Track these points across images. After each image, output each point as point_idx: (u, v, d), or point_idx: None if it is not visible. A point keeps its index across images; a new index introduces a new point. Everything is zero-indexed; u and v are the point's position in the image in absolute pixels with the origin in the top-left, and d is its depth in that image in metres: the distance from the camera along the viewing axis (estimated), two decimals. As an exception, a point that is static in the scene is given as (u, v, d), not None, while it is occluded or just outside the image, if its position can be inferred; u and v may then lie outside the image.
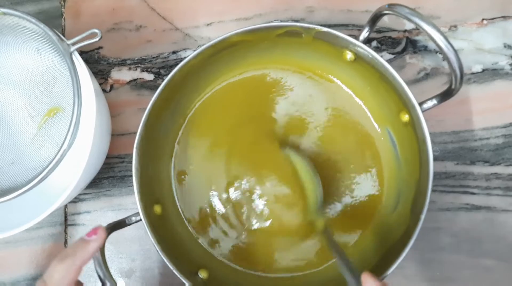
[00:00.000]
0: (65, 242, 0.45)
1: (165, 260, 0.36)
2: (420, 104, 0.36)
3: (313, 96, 0.42)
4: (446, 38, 0.31)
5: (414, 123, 0.37)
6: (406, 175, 0.40)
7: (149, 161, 0.39)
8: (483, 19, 0.43)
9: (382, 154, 0.41)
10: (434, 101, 0.36)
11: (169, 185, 0.42)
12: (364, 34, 0.37)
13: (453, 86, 0.34)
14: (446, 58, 0.32)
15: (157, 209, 0.40)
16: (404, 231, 0.37)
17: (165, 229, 0.39)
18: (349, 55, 0.38)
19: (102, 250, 0.33)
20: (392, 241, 0.38)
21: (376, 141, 0.42)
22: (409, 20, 0.32)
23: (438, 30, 0.31)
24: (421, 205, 0.35)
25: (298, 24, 0.37)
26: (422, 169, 0.37)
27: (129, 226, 0.44)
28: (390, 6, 0.33)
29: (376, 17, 0.36)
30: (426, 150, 0.35)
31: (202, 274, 0.39)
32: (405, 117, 0.38)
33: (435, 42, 0.31)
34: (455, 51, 0.31)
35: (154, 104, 0.37)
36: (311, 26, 0.37)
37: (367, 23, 0.36)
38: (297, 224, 0.39)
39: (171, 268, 0.36)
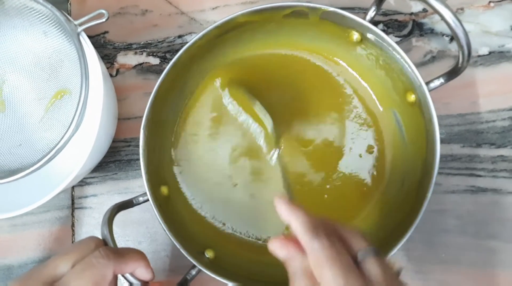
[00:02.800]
0: (72, 225, 0.45)
1: (172, 240, 0.36)
2: (427, 83, 0.36)
3: (319, 77, 0.42)
4: (455, 14, 0.31)
5: (420, 103, 0.37)
6: (412, 156, 0.40)
7: (155, 142, 0.39)
8: (490, 2, 0.43)
9: (387, 135, 0.41)
10: (441, 80, 0.36)
11: (175, 166, 0.43)
12: (371, 14, 0.37)
13: (459, 64, 0.34)
14: (454, 34, 0.31)
15: (164, 190, 0.40)
16: (409, 212, 0.37)
17: (171, 209, 0.39)
18: (355, 36, 0.38)
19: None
20: (397, 222, 0.38)
21: (381, 122, 0.42)
22: None
23: (447, 6, 0.31)
24: (426, 186, 0.35)
25: (304, 4, 0.37)
26: (428, 150, 0.37)
27: (135, 209, 0.44)
28: None
29: None
30: (433, 130, 0.35)
31: (209, 254, 0.39)
32: (412, 98, 0.38)
33: (443, 18, 0.31)
34: (464, 28, 0.31)
35: (162, 83, 0.37)
36: (317, 5, 0.37)
37: (374, 3, 0.36)
38: None
39: (178, 247, 0.36)
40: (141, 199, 0.37)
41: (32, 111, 0.42)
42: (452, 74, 0.35)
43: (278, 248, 0.29)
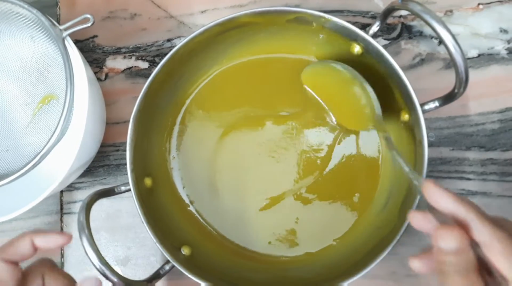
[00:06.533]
0: (61, 230, 0.45)
1: (148, 231, 0.36)
2: (422, 105, 0.35)
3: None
4: (455, 39, 0.31)
5: (413, 124, 0.37)
6: (399, 176, 0.39)
7: (144, 134, 0.39)
8: (479, 4, 0.43)
9: (379, 153, 0.41)
10: (436, 103, 0.36)
11: (165, 157, 0.43)
12: (374, 28, 0.36)
13: (456, 90, 0.33)
14: (452, 60, 0.31)
15: (148, 181, 0.40)
16: (393, 227, 0.36)
17: (153, 202, 0.39)
18: (356, 49, 0.38)
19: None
20: (383, 235, 0.38)
21: (374, 139, 0.41)
22: (421, 17, 0.31)
23: (448, 31, 0.31)
24: (410, 203, 0.35)
25: (309, 11, 0.37)
26: (416, 168, 0.36)
27: (124, 214, 0.44)
28: (404, 2, 0.33)
29: (388, 12, 0.35)
30: (422, 150, 0.35)
31: (185, 251, 0.39)
32: (405, 117, 0.38)
33: (443, 42, 0.31)
34: (463, 54, 0.31)
35: (156, 76, 0.37)
36: (321, 14, 0.36)
37: (379, 18, 0.36)
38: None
39: (153, 239, 0.36)
40: (123, 188, 0.37)
41: (19, 116, 0.42)
42: (448, 99, 0.34)
43: (449, 237, 0.24)
